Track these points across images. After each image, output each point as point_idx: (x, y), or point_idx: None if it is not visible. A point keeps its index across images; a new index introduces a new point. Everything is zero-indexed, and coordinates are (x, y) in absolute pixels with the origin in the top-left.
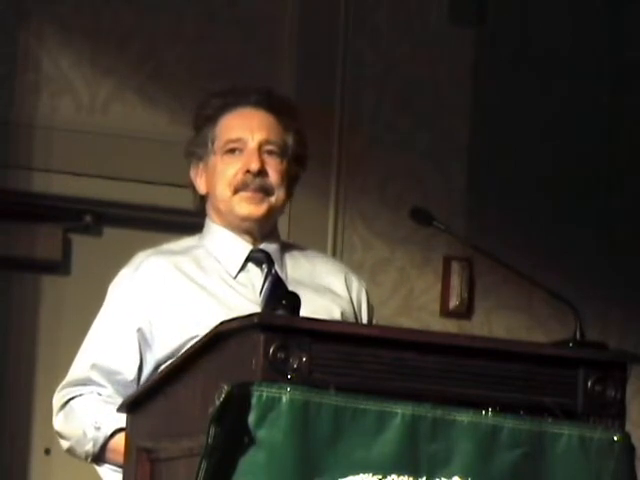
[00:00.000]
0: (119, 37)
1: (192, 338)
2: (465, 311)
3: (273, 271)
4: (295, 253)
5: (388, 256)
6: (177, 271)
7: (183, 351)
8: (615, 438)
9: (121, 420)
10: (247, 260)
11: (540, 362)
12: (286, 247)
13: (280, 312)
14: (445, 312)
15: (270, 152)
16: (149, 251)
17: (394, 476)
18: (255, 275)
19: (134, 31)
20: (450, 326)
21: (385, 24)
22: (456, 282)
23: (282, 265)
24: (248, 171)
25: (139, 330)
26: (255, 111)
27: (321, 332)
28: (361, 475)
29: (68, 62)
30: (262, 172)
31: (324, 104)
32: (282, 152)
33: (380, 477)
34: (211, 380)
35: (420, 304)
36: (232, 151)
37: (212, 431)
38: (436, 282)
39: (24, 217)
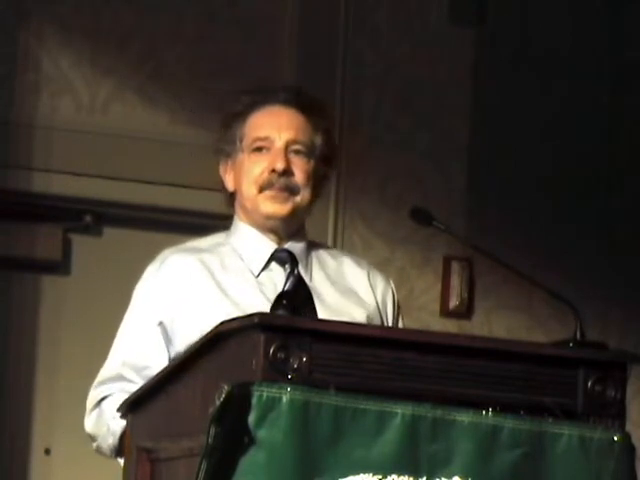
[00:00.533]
0: (119, 37)
1: None
2: (465, 311)
3: (295, 271)
4: (322, 253)
5: (388, 256)
6: (200, 269)
7: (182, 352)
8: (615, 438)
9: None
10: (271, 259)
11: (540, 362)
12: (313, 247)
13: (280, 312)
14: (445, 312)
15: (297, 151)
16: (174, 248)
17: (394, 476)
18: (278, 275)
19: (134, 31)
20: (450, 326)
21: (385, 24)
22: (456, 282)
23: (307, 265)
24: (273, 170)
25: (161, 324)
26: (284, 109)
27: (321, 332)
28: (361, 475)
29: (68, 62)
30: (287, 172)
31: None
32: (309, 152)
33: (380, 477)
34: (211, 380)
35: (420, 304)
36: (259, 149)
37: (212, 431)
38: (436, 282)
39: (24, 217)
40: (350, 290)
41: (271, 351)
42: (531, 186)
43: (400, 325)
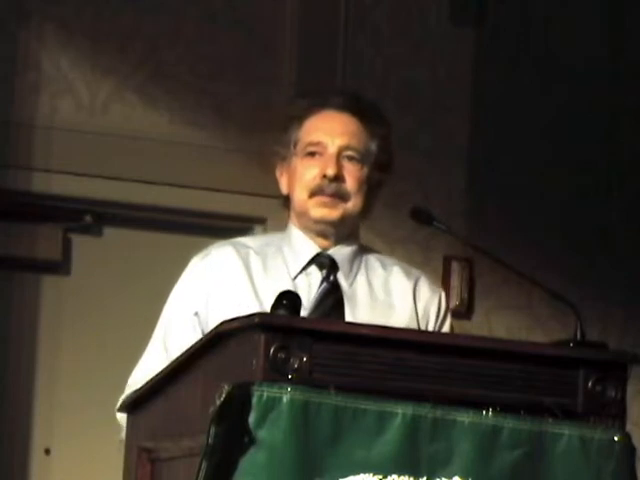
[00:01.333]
0: (119, 37)
1: None
2: (465, 311)
3: (331, 278)
4: (372, 260)
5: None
6: (239, 265)
7: (182, 352)
8: (615, 438)
9: None
10: (311, 263)
11: (540, 362)
12: (364, 253)
13: (281, 312)
14: None
15: (350, 158)
16: (225, 241)
17: (394, 476)
18: (315, 279)
19: (134, 31)
20: None
21: (385, 24)
22: (456, 282)
23: (350, 272)
24: (324, 176)
25: (196, 314)
26: (339, 114)
27: (321, 332)
28: (361, 475)
29: (68, 62)
30: (338, 178)
31: None
32: (362, 158)
33: (380, 477)
34: (211, 380)
35: None
36: (312, 154)
37: (212, 431)
38: (436, 282)
39: (24, 217)
40: (390, 302)
41: (271, 351)
42: (531, 186)
43: (445, 330)
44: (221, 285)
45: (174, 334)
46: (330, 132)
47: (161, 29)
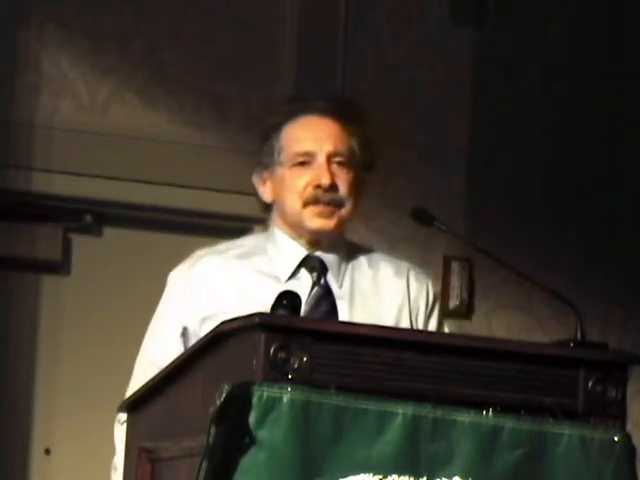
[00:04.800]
0: (119, 37)
1: None
2: (465, 311)
3: (322, 281)
4: (359, 259)
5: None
6: (227, 273)
7: (182, 352)
8: (616, 438)
9: None
10: (300, 266)
11: (540, 362)
12: (351, 251)
13: (281, 312)
14: (445, 312)
15: (339, 163)
16: (207, 250)
17: (395, 476)
18: (305, 282)
19: (134, 31)
20: (450, 326)
21: (385, 24)
22: (456, 282)
23: (339, 272)
24: (319, 186)
25: (185, 328)
26: (321, 120)
27: (322, 332)
28: (362, 475)
29: (68, 62)
30: (333, 186)
31: None
32: (350, 161)
33: (381, 477)
34: (211, 380)
35: None
36: (301, 164)
37: (213, 431)
38: (436, 282)
39: (24, 217)
40: (380, 298)
41: (271, 351)
42: (531, 186)
43: (433, 320)
44: (211, 296)
45: (163, 350)
46: (316, 139)
47: (161, 29)
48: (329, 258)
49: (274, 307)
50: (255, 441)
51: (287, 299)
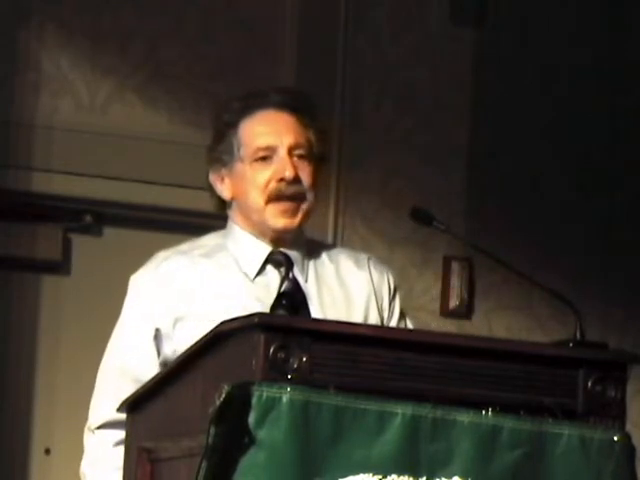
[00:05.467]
0: (119, 37)
1: None
2: (465, 311)
3: (291, 275)
4: (320, 253)
5: (388, 256)
6: (195, 272)
7: (182, 352)
8: (615, 438)
9: None
10: (267, 262)
11: (540, 362)
12: (311, 247)
13: (280, 312)
14: (445, 312)
15: (299, 156)
16: (169, 251)
17: (394, 476)
18: (273, 277)
19: (134, 31)
20: (450, 326)
21: (385, 24)
22: (456, 282)
23: (303, 267)
24: (282, 179)
25: (158, 330)
26: (278, 113)
27: (321, 332)
28: (361, 475)
29: (68, 62)
30: (296, 178)
31: (324, 104)
32: (309, 154)
33: (380, 477)
34: (211, 380)
35: (420, 304)
36: (262, 159)
37: (212, 431)
38: (436, 282)
39: (24, 217)
40: (346, 291)
41: (271, 351)
42: (531, 186)
43: (396, 309)
44: (181, 296)
45: (134, 358)
46: (276, 133)
47: (161, 29)
48: (292, 254)
49: (274, 307)
50: (255, 441)
51: (287, 299)
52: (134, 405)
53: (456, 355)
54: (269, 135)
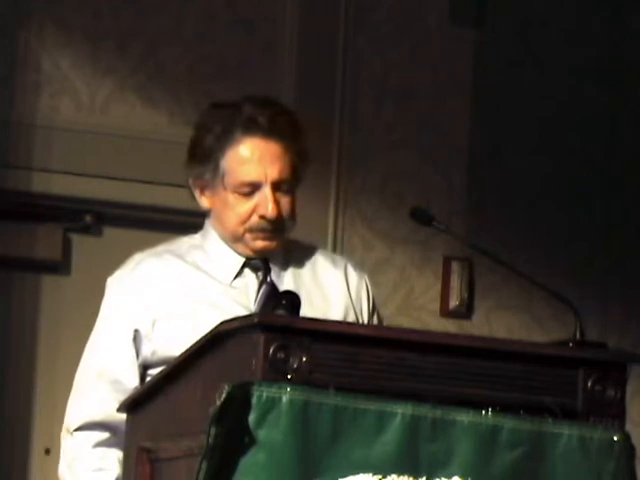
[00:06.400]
0: (119, 37)
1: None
2: (465, 311)
3: (269, 279)
4: (297, 255)
5: (388, 256)
6: (173, 274)
7: (182, 352)
8: (615, 438)
9: None
10: (244, 266)
11: (540, 362)
12: (288, 249)
13: (280, 312)
14: (445, 312)
15: (284, 190)
16: (146, 252)
17: (394, 476)
18: (251, 281)
19: (134, 31)
20: (450, 326)
21: (385, 24)
22: (456, 282)
23: (280, 271)
24: (263, 216)
25: (137, 331)
26: (265, 142)
27: (321, 332)
28: (361, 475)
29: (68, 62)
30: (278, 217)
31: (324, 104)
32: (293, 185)
33: (380, 477)
34: (211, 380)
35: (420, 304)
36: (245, 193)
37: (212, 431)
38: (436, 282)
39: (24, 217)
40: (323, 292)
41: (271, 351)
42: (531, 186)
43: (375, 321)
44: (159, 297)
45: (112, 360)
46: (261, 165)
47: (161, 29)
48: (271, 257)
49: (273, 307)
50: (255, 441)
51: (286, 299)
52: (134, 405)
53: (456, 355)
54: (254, 169)
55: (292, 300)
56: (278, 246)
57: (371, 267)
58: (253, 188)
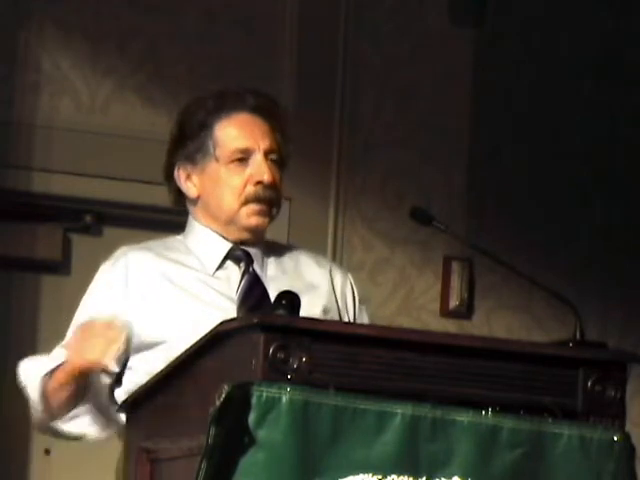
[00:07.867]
0: (119, 37)
1: (166, 337)
2: (465, 311)
3: (251, 269)
4: (278, 251)
5: (388, 256)
6: (155, 266)
7: (182, 352)
8: (615, 438)
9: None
10: (226, 258)
11: (540, 362)
12: (269, 246)
13: (280, 312)
14: (445, 312)
15: (273, 161)
16: (130, 246)
17: (394, 476)
18: (233, 272)
19: (134, 31)
20: (450, 326)
21: (385, 24)
22: (456, 282)
23: (263, 264)
24: (259, 182)
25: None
26: (253, 118)
27: (321, 332)
28: (361, 475)
29: (68, 62)
30: (273, 183)
31: (324, 104)
32: (280, 160)
33: (380, 477)
34: (211, 380)
35: (420, 304)
36: (239, 160)
37: (212, 431)
38: (436, 282)
39: (24, 217)
40: (307, 285)
41: (271, 351)
42: (531, 186)
43: (364, 319)
44: (142, 288)
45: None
46: (253, 136)
47: (161, 29)
48: (252, 251)
49: (273, 307)
50: (254, 441)
51: (286, 299)
52: (134, 405)
53: (456, 355)
54: (245, 137)
55: (292, 300)
56: (267, 226)
57: (371, 267)
58: (246, 155)
